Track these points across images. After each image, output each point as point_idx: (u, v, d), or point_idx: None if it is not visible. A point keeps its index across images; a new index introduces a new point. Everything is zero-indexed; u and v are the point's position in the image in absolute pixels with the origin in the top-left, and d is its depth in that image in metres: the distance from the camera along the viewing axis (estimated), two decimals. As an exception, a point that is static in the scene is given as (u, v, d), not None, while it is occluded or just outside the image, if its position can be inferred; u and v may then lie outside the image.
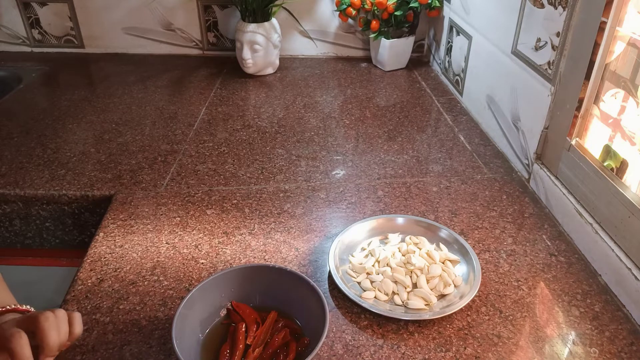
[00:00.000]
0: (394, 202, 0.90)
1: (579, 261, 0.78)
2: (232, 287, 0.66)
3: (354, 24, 1.54)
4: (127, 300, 0.69)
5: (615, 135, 0.77)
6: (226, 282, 0.65)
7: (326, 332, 0.58)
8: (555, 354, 0.63)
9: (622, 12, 0.73)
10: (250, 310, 0.64)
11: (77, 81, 1.40)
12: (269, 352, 0.60)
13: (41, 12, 1.51)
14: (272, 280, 0.66)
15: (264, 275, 0.66)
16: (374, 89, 1.39)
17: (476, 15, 1.20)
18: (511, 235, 0.83)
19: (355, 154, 1.06)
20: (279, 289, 0.66)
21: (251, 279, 0.66)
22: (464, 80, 1.28)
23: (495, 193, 0.94)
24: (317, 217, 0.86)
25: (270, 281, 0.66)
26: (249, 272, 0.67)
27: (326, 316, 0.59)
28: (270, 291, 0.66)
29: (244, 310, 0.64)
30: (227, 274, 0.65)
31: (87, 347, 0.62)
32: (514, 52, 1.01)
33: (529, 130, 0.96)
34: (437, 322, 0.67)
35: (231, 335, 0.62)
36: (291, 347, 0.60)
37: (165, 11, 1.51)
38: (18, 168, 0.98)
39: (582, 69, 0.80)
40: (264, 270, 0.67)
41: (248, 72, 1.42)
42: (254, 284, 0.66)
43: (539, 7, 0.91)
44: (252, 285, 0.66)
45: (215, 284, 0.64)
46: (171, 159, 1.02)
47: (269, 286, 0.66)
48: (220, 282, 0.65)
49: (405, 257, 0.74)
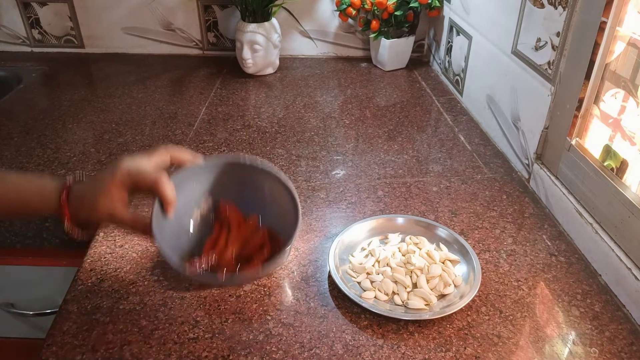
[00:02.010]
0: (394, 202, 0.90)
1: (579, 261, 0.78)
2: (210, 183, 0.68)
3: (354, 24, 1.54)
4: (127, 300, 0.69)
5: (615, 135, 0.77)
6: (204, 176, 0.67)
7: (297, 232, 0.63)
8: (555, 354, 0.63)
9: (622, 12, 0.73)
10: (236, 211, 0.68)
11: (77, 81, 1.41)
12: (248, 252, 0.64)
13: (41, 12, 1.51)
14: (249, 181, 0.69)
15: (240, 174, 0.69)
16: (374, 89, 1.39)
17: (476, 15, 1.20)
18: (511, 235, 0.83)
19: (355, 154, 1.06)
20: (256, 192, 0.69)
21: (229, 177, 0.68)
22: (464, 80, 1.28)
23: (495, 193, 0.94)
24: (317, 217, 0.86)
25: (247, 182, 0.69)
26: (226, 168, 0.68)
27: (298, 214, 0.64)
28: (249, 194, 0.69)
29: (230, 210, 0.67)
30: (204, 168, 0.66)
31: (87, 347, 0.62)
32: (514, 52, 1.01)
33: (529, 130, 0.96)
34: (437, 322, 0.67)
35: (216, 231, 0.65)
36: (266, 247, 0.65)
37: (165, 11, 1.51)
38: (18, 168, 0.98)
39: (582, 69, 0.80)
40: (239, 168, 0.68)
41: (248, 72, 1.42)
42: (232, 184, 0.69)
43: (539, 7, 0.91)
44: (231, 186, 0.69)
45: (191, 177, 0.65)
46: (171, 159, 1.02)
47: (247, 188, 0.69)
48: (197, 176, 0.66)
49: (405, 257, 0.74)
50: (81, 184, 0.59)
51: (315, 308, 0.68)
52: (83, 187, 0.59)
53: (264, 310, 0.68)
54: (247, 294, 0.71)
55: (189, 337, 0.64)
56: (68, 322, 0.66)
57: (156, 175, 0.57)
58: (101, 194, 0.56)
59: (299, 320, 0.67)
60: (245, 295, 0.70)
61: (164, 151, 0.60)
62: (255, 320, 0.67)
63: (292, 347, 0.63)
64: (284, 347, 0.63)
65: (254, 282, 0.72)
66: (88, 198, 0.57)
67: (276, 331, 0.65)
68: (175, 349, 0.62)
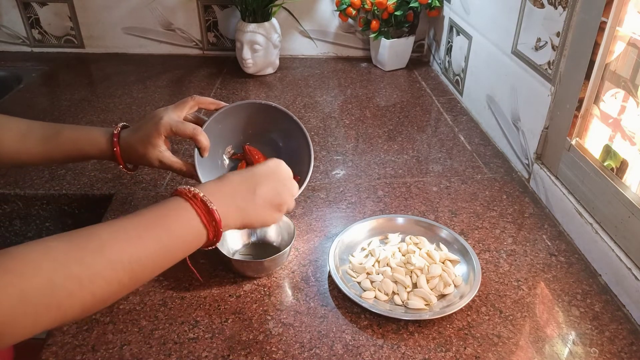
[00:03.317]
0: (394, 202, 0.90)
1: (579, 261, 0.78)
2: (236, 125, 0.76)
3: (354, 24, 1.54)
4: (127, 300, 0.69)
5: (615, 135, 0.77)
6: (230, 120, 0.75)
7: (311, 169, 0.73)
8: (555, 354, 0.63)
9: (622, 12, 0.73)
10: (260, 154, 0.76)
11: (77, 81, 1.40)
12: None
13: (41, 12, 1.51)
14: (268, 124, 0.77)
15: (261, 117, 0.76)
16: (374, 89, 1.39)
17: (476, 15, 1.20)
18: (511, 235, 0.83)
19: (355, 154, 1.06)
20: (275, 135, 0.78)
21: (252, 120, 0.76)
22: (464, 80, 1.28)
23: (495, 193, 0.94)
24: (317, 217, 0.86)
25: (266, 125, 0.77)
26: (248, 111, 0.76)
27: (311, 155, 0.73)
28: (268, 136, 0.78)
29: (255, 154, 0.75)
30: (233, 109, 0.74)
31: (87, 347, 0.62)
32: (514, 52, 1.01)
33: (529, 130, 0.96)
34: (437, 322, 0.67)
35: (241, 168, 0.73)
36: None
37: (165, 11, 1.51)
38: (18, 168, 0.98)
39: (582, 69, 0.80)
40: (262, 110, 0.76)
41: (248, 72, 1.42)
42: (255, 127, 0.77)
43: (539, 7, 0.91)
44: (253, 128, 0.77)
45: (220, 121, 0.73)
46: (171, 159, 1.02)
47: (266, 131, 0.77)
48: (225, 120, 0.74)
49: (405, 257, 0.74)
50: (128, 134, 0.69)
51: (315, 308, 0.68)
52: (131, 139, 0.68)
53: (264, 310, 0.68)
54: (247, 294, 0.71)
55: (189, 337, 0.64)
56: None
57: (192, 126, 0.68)
58: (150, 146, 0.67)
59: (299, 320, 0.67)
60: (245, 295, 0.70)
61: (191, 101, 0.71)
62: (255, 320, 0.67)
63: (292, 347, 0.63)
64: (284, 347, 0.63)
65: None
66: (138, 149, 0.68)
67: (276, 331, 0.65)
68: (175, 349, 0.62)
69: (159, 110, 0.69)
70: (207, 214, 0.51)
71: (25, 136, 0.67)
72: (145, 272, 0.47)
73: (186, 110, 0.70)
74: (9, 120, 0.68)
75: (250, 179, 0.57)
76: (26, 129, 0.68)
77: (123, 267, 0.44)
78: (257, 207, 0.56)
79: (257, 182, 0.57)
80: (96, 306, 0.44)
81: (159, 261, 0.48)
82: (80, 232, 0.45)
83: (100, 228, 0.46)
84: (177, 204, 0.51)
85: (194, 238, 0.51)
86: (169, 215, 0.50)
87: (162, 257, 0.49)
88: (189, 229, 0.50)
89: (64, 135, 0.68)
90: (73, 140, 0.68)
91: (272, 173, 0.59)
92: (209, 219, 0.51)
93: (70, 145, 0.68)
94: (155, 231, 0.48)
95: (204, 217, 0.51)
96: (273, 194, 0.58)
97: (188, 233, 0.50)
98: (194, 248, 0.52)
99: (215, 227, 0.52)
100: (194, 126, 0.68)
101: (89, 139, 0.69)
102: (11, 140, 0.67)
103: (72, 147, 0.68)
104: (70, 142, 0.68)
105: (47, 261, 0.40)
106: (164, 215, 0.50)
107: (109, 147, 0.68)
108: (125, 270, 0.45)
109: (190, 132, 0.67)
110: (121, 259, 0.45)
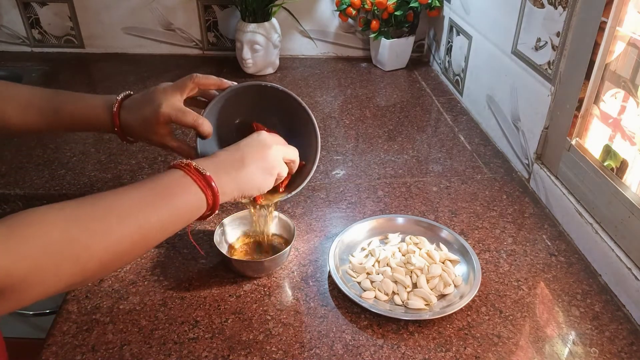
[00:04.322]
0: (394, 202, 0.90)
1: (579, 261, 0.78)
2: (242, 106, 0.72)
3: (354, 24, 1.54)
4: (127, 300, 0.69)
5: (615, 135, 0.77)
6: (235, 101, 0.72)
7: (318, 157, 0.71)
8: (555, 354, 0.63)
9: (622, 12, 0.73)
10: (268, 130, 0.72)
11: (77, 81, 1.40)
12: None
13: (41, 12, 1.51)
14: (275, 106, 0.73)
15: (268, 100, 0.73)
16: (374, 89, 1.38)
17: (476, 15, 1.20)
18: (511, 235, 0.83)
19: (355, 154, 1.06)
20: (281, 118, 0.74)
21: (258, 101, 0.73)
22: (464, 80, 1.28)
23: (495, 193, 0.94)
24: (317, 217, 0.86)
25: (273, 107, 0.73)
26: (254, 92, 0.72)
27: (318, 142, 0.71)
28: (274, 119, 0.73)
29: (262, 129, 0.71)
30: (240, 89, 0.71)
31: (87, 347, 0.62)
32: (514, 52, 1.01)
33: (529, 130, 0.96)
34: (437, 322, 0.67)
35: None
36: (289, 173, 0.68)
37: (165, 11, 1.51)
38: (18, 168, 0.98)
39: (582, 69, 0.80)
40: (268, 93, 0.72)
41: (248, 72, 1.42)
42: (261, 108, 0.73)
43: (539, 7, 0.91)
44: (260, 109, 0.73)
45: (224, 103, 0.71)
46: (171, 159, 1.02)
47: (273, 114, 0.73)
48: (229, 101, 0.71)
49: (405, 257, 0.74)
50: (128, 114, 0.67)
51: (315, 308, 0.68)
52: (131, 120, 0.67)
53: (264, 310, 0.68)
54: (247, 294, 0.71)
55: (189, 337, 0.64)
56: (68, 322, 0.66)
57: (192, 117, 0.66)
58: (151, 133, 0.67)
59: (299, 320, 0.67)
60: (245, 295, 0.70)
61: (190, 83, 0.67)
62: (255, 320, 0.67)
63: (292, 347, 0.63)
64: (284, 347, 0.63)
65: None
66: (138, 131, 0.67)
67: (276, 331, 0.65)
68: (175, 349, 0.62)
69: (158, 91, 0.67)
70: (202, 179, 0.54)
71: (26, 109, 0.67)
72: (155, 234, 0.50)
73: (186, 93, 0.67)
74: (9, 90, 0.69)
75: (237, 151, 0.60)
76: (26, 102, 0.68)
77: (132, 225, 0.48)
78: (249, 173, 0.59)
79: (244, 152, 0.60)
80: (113, 263, 0.47)
81: (166, 225, 0.51)
82: (88, 198, 0.48)
83: (105, 194, 0.49)
84: (174, 173, 0.54)
85: (195, 202, 0.54)
86: (169, 183, 0.53)
87: (168, 222, 0.51)
88: (189, 194, 0.53)
89: (65, 111, 0.68)
90: (73, 117, 0.68)
91: (257, 142, 0.62)
92: (204, 184, 0.54)
93: (71, 120, 0.68)
94: (159, 197, 0.51)
95: (200, 183, 0.54)
96: (262, 159, 0.61)
97: (189, 199, 0.53)
98: (195, 215, 0.55)
99: (213, 191, 0.54)
100: (194, 116, 0.66)
101: (89, 116, 0.68)
102: (12, 111, 0.67)
103: (72, 123, 0.68)
104: (70, 117, 0.68)
105: (62, 217, 0.44)
106: (164, 184, 0.53)
107: (110, 125, 0.68)
108: (135, 227, 0.48)
109: (191, 122, 0.66)
110: (129, 216, 0.48)
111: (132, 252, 0.49)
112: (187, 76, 0.67)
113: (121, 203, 0.48)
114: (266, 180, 0.61)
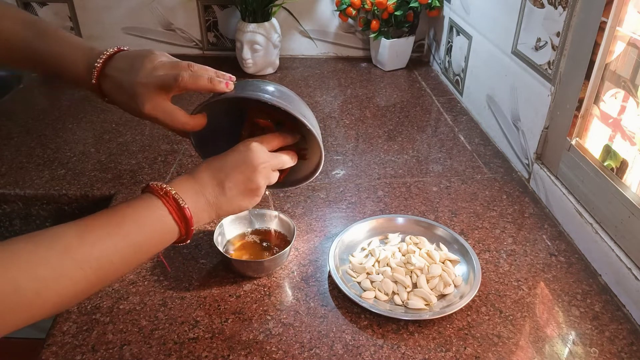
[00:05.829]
0: (394, 202, 0.90)
1: (579, 261, 0.78)
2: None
3: (354, 24, 1.54)
4: (127, 300, 0.69)
5: (615, 135, 0.77)
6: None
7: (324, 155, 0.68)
8: (555, 354, 0.63)
9: (622, 12, 0.73)
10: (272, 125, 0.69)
11: (77, 81, 1.40)
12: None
13: (41, 12, 1.51)
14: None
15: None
16: (374, 89, 1.39)
17: (476, 15, 1.20)
18: (511, 235, 0.83)
19: (355, 154, 1.06)
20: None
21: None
22: (464, 80, 1.28)
23: (495, 193, 0.94)
24: (317, 217, 0.86)
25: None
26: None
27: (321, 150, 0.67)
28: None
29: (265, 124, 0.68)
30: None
31: (87, 347, 0.62)
32: (514, 52, 1.01)
33: (529, 130, 0.96)
34: (437, 322, 0.67)
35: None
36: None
37: (165, 11, 1.51)
38: (18, 168, 0.98)
39: (582, 69, 0.80)
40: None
41: (248, 72, 1.42)
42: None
43: (539, 7, 0.91)
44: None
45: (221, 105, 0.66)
46: (171, 158, 1.02)
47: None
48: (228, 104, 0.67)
49: (405, 257, 0.74)
50: (110, 91, 0.63)
51: (315, 308, 0.68)
52: (116, 102, 0.63)
53: (264, 310, 0.68)
54: (247, 294, 0.71)
55: (189, 337, 0.64)
56: (68, 322, 0.66)
57: (182, 121, 0.61)
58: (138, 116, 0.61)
59: (299, 320, 0.67)
60: (245, 295, 0.70)
61: (175, 86, 0.58)
62: (255, 320, 0.67)
63: (292, 347, 0.63)
64: (284, 347, 0.63)
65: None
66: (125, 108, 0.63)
67: (276, 331, 0.65)
68: (175, 349, 0.62)
69: (140, 84, 0.59)
70: (178, 210, 0.52)
71: (10, 49, 0.62)
72: (115, 270, 0.48)
73: (171, 94, 0.60)
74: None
75: (219, 172, 0.57)
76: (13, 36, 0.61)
77: (90, 266, 0.44)
78: (228, 199, 0.57)
79: (226, 174, 0.57)
80: (66, 303, 0.44)
81: (129, 258, 0.49)
82: (48, 232, 0.44)
83: (68, 227, 0.46)
84: (148, 200, 0.51)
85: (166, 235, 0.52)
86: (140, 212, 0.50)
87: (133, 254, 0.49)
88: (160, 225, 0.51)
89: (46, 57, 0.62)
90: (53, 65, 0.62)
91: (242, 162, 0.58)
92: (180, 216, 0.52)
93: (52, 68, 0.63)
94: (125, 228, 0.48)
95: (175, 214, 0.51)
96: (244, 181, 0.58)
97: (159, 230, 0.51)
98: (165, 244, 0.52)
99: (187, 223, 0.52)
100: (183, 119, 0.60)
101: (68, 74, 0.62)
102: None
103: (53, 71, 0.63)
104: (51, 66, 0.62)
105: (12, 264, 0.41)
106: (135, 213, 0.50)
107: (89, 83, 0.62)
108: (93, 268, 0.45)
109: (180, 126, 0.61)
110: (88, 258, 0.45)
111: (88, 291, 0.46)
112: (173, 74, 0.58)
113: (80, 243, 0.45)
114: (249, 201, 0.59)
